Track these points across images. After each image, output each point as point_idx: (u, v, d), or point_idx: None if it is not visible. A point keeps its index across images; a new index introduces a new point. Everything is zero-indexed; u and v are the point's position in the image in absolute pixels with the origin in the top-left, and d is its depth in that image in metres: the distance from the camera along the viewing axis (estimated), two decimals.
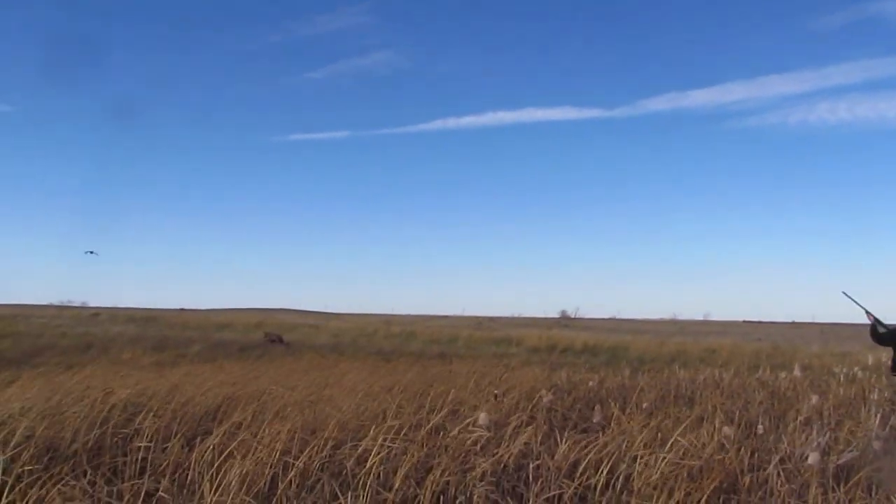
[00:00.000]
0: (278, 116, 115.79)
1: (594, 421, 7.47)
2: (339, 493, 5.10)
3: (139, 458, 5.67)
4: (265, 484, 5.22)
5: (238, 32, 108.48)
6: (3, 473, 5.01)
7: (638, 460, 5.62)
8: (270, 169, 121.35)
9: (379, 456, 5.43)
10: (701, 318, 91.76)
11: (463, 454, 5.83)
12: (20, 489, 4.80)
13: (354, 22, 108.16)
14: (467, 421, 6.61)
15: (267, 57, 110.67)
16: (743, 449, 6.01)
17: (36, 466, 5.22)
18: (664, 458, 5.52)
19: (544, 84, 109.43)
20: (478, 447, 5.99)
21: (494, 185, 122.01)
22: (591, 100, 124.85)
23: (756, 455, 5.97)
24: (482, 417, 6.49)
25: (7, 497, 4.79)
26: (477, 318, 79.30)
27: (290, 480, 5.22)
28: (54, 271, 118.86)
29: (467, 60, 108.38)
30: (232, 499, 4.90)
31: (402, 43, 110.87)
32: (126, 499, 4.94)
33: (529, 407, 8.16)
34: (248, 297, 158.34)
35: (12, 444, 5.42)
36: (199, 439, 5.86)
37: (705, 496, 4.98)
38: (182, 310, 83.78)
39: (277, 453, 5.45)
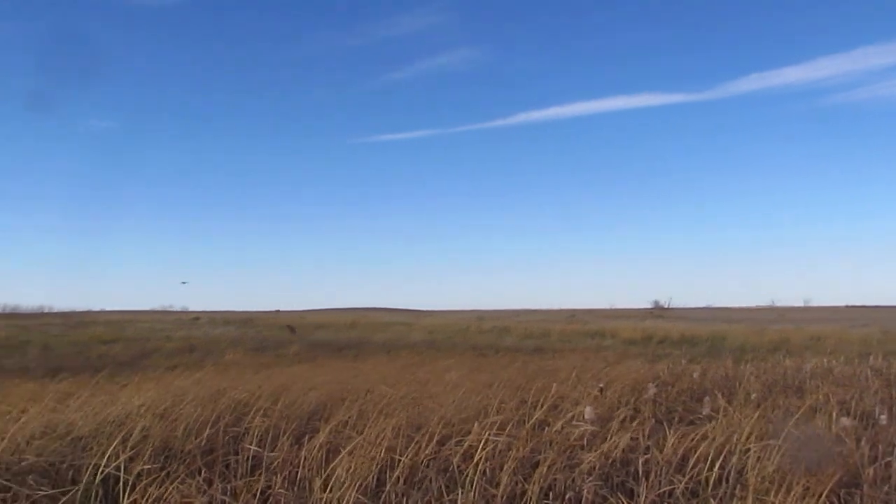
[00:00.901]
0: (362, 118, 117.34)
1: (703, 413, 7.30)
2: (445, 490, 5.11)
3: (250, 456, 5.80)
4: (373, 480, 5.26)
5: (320, 37, 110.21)
6: (124, 472, 5.19)
7: (750, 453, 5.46)
8: (356, 170, 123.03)
9: (484, 451, 5.42)
10: (801, 304, 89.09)
11: (569, 449, 5.78)
12: (141, 487, 4.95)
13: (433, 21, 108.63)
14: (570, 415, 6.55)
15: (349, 60, 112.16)
16: (863, 440, 5.79)
17: (153, 465, 5.38)
18: (779, 449, 5.35)
19: (626, 71, 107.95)
20: (584, 442, 5.93)
21: (579, 177, 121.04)
22: (674, 84, 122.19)
23: (878, 447, 5.73)
24: (588, 411, 6.42)
25: (129, 496, 4.95)
26: (568, 311, 78.75)
27: (398, 477, 5.26)
28: (156, 278, 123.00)
29: (547, 52, 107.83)
30: (342, 495, 4.96)
31: (482, 39, 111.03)
32: (241, 497, 5.06)
33: (633, 400, 8.05)
34: (340, 298, 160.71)
35: (131, 443, 5.61)
36: (307, 438, 5.95)
37: (826, 490, 4.80)
38: (278, 311, 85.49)
39: (383, 450, 5.49)
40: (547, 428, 6.30)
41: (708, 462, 5.36)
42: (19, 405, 7.65)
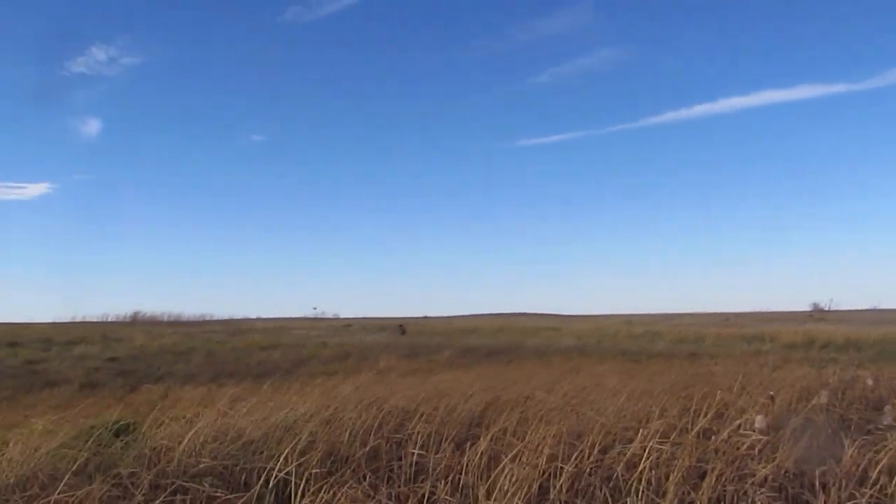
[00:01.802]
0: (506, 123, 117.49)
1: (884, 423, 6.91)
2: (610, 499, 5.04)
3: (413, 462, 5.88)
4: (536, 488, 5.24)
5: (461, 43, 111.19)
6: (294, 476, 5.37)
7: None
8: (501, 176, 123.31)
9: (648, 460, 5.31)
10: None
11: (737, 459, 5.59)
12: (311, 492, 5.11)
13: (574, 22, 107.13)
14: (737, 423, 6.33)
15: (491, 64, 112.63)
16: None
17: (321, 470, 5.55)
18: None
19: (779, 63, 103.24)
20: (754, 452, 5.72)
21: (730, 175, 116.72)
22: (832, 75, 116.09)
23: None
24: (758, 420, 6.19)
25: (300, 501, 5.12)
26: (721, 314, 76.24)
27: (561, 485, 5.21)
28: (307, 286, 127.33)
29: (694, 47, 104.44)
30: (506, 503, 4.97)
31: (625, 37, 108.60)
32: (407, 502, 5.15)
33: (803, 408, 7.70)
34: (486, 303, 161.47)
35: (299, 448, 5.80)
36: (468, 444, 5.98)
37: None
38: (426, 317, 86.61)
39: (545, 458, 5.46)
40: (713, 437, 6.11)
41: (894, 476, 5.07)
42: (190, 409, 8.02)
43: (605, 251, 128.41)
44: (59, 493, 4.98)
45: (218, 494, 5.23)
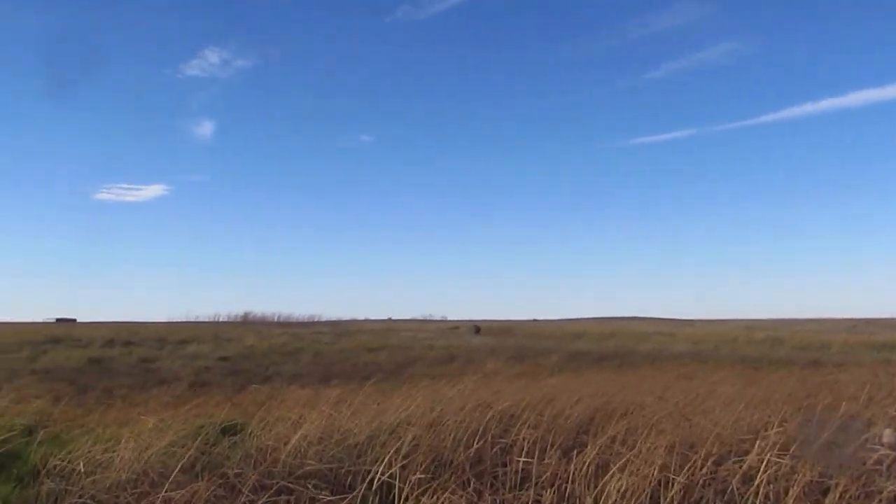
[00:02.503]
0: (619, 120, 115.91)
1: None
2: None
3: (518, 468, 5.82)
4: (646, 499, 5.13)
5: (572, 39, 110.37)
6: (398, 480, 5.39)
7: None
8: (612, 174, 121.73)
9: (766, 474, 5.13)
10: None
11: (864, 475, 5.34)
12: (414, 497, 5.12)
13: (691, 16, 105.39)
14: (864, 437, 6.05)
15: (603, 61, 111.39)
16: None
17: (425, 475, 5.55)
18: None
19: None
20: (882, 467, 5.45)
21: (860, 172, 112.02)
22: None
23: None
24: (887, 434, 5.90)
25: None
26: (848, 320, 73.33)
27: (672, 497, 5.08)
28: (415, 287, 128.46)
29: (819, 38, 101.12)
30: None
31: (746, 30, 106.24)
32: None
33: None
34: (597, 307, 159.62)
35: (403, 452, 5.82)
36: (575, 451, 5.90)
37: None
38: (535, 320, 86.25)
39: (657, 468, 5.33)
40: (837, 450, 5.86)
41: None
42: (296, 410, 8.16)
43: (722, 253, 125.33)
44: (167, 491, 5.14)
45: (322, 496, 5.29)
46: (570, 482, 5.50)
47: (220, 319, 73.40)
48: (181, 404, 10.33)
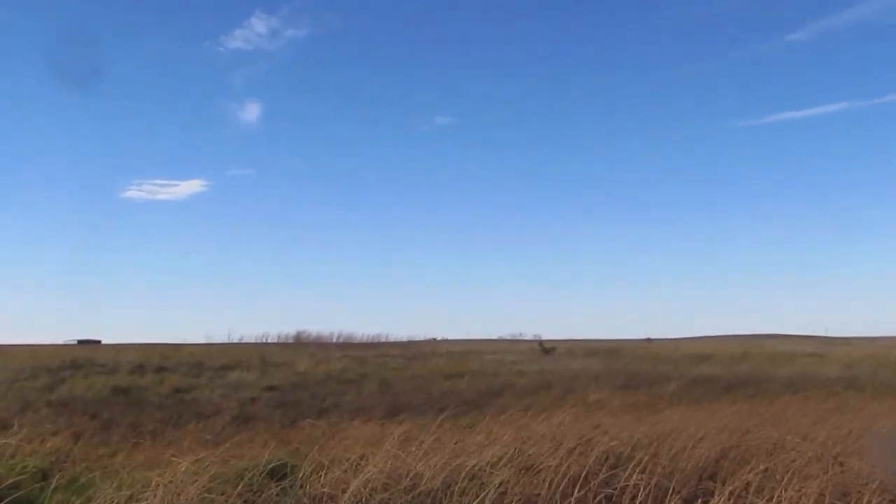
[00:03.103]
0: (743, 94, 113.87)
1: None
2: None
3: None
4: None
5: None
6: None
7: None
8: (734, 161, 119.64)
9: None
10: None
11: None
12: None
13: None
14: None
15: (722, 22, 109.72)
16: None
17: None
18: None
19: None
20: None
21: None
22: None
23: None
24: None
25: None
26: None
27: None
28: (505, 303, 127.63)
29: None
30: None
31: None
32: None
33: None
34: (725, 323, 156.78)
35: (488, 501, 5.78)
36: (699, 502, 5.79)
37: None
38: (648, 340, 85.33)
39: None
40: None
41: None
42: (357, 449, 8.19)
43: (884, 255, 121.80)
44: None
45: None
46: None
47: (268, 340, 74.22)
48: (221, 442, 10.47)
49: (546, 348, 51.61)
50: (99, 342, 71.71)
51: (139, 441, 13.72)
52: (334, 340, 75.54)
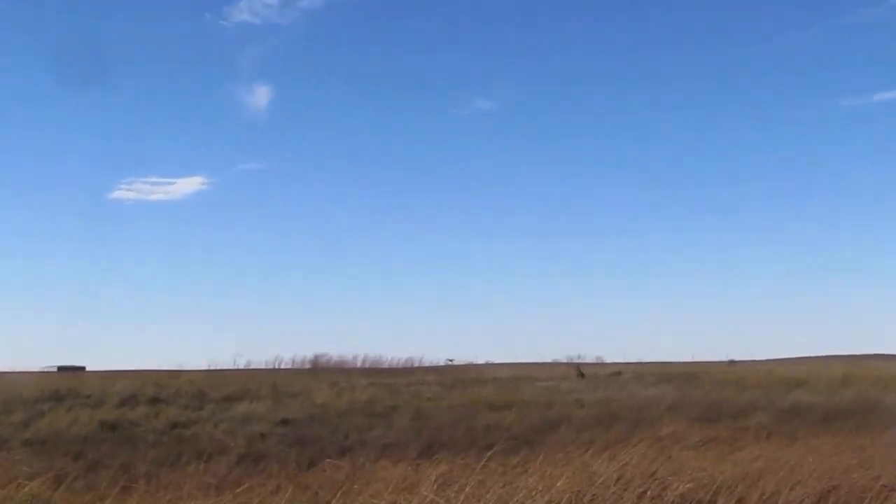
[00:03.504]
0: (838, 71, 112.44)
1: None
2: None
3: None
4: None
5: None
6: None
7: None
8: (840, 147, 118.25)
9: None
10: None
11: None
12: None
13: None
14: None
15: None
16: None
17: None
18: None
19: None
20: None
21: None
22: None
23: None
24: None
25: None
26: None
27: None
28: (559, 319, 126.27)
29: None
30: None
31: None
32: None
33: None
34: (823, 341, 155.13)
35: None
36: None
37: None
38: (731, 362, 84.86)
39: None
40: None
41: None
42: (386, 495, 8.20)
43: None
44: None
45: None
46: None
47: (281, 366, 74.43)
48: (227, 487, 10.51)
49: (582, 372, 51.80)
50: (83, 369, 72.36)
51: (130, 485, 13.78)
52: (359, 365, 75.77)
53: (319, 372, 62.79)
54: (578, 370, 51.16)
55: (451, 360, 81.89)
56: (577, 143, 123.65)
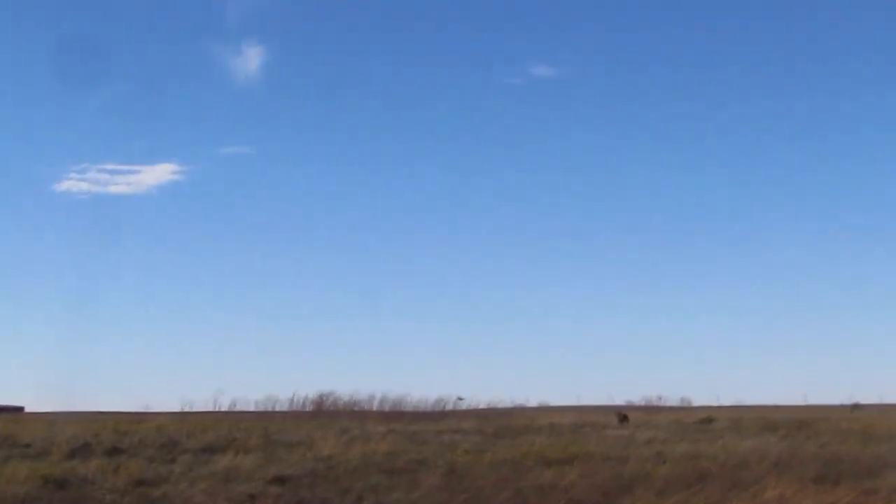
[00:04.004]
0: None
1: None
2: None
3: None
4: None
5: None
6: None
7: None
8: None
9: None
10: None
11: None
12: None
13: None
14: None
15: None
16: None
17: None
18: None
19: None
20: None
21: None
22: None
23: None
24: None
25: None
26: None
27: None
28: (633, 350, 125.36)
29: None
30: None
31: None
32: None
33: None
34: None
35: None
36: None
37: None
38: (855, 406, 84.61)
39: None
40: None
41: None
42: None
43: None
44: None
45: None
46: None
47: (276, 408, 74.54)
48: None
49: (622, 415, 51.89)
50: (21, 409, 72.49)
51: None
52: (375, 407, 75.67)
53: (324, 416, 62.79)
54: (620, 416, 50.94)
55: (461, 399, 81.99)
56: (651, 117, 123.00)
